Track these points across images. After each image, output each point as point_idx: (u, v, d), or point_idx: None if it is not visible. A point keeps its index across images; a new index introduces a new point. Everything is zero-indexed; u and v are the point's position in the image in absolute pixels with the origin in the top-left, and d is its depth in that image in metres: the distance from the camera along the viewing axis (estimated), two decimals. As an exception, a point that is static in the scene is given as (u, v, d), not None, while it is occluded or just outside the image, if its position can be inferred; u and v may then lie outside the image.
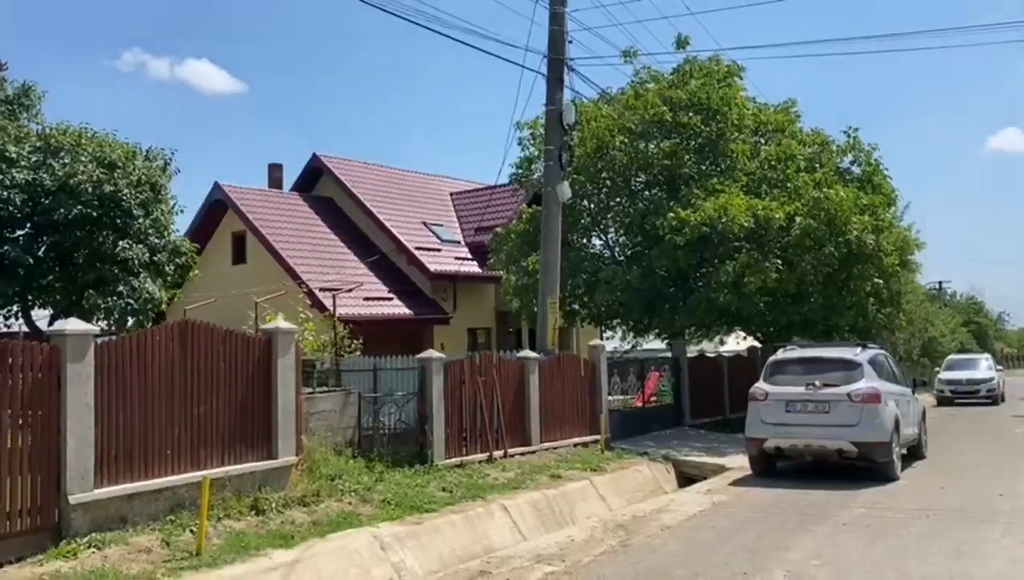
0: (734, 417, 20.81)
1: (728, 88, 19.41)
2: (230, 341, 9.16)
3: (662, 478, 14.32)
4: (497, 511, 10.36)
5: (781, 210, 17.22)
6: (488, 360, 13.17)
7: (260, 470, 9.25)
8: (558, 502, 11.41)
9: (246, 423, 9.25)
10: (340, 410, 11.30)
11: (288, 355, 9.70)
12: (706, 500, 11.08)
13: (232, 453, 9.06)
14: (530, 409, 13.87)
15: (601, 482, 12.66)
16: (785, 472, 13.12)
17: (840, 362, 12.68)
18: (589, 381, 15.58)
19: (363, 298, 24.86)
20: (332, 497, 9.78)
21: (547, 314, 15.12)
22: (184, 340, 8.66)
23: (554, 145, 15.01)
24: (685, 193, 18.15)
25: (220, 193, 26.65)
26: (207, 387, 8.84)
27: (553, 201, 15.09)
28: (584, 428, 15.29)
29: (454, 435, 12.22)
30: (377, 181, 30.36)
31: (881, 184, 19.71)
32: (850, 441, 11.89)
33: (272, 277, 23.15)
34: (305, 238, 26.61)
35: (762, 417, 12.61)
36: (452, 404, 12.24)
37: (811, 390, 12.26)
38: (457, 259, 27.64)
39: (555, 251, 15.41)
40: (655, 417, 18.14)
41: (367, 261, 26.88)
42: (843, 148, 20.13)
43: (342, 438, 11.25)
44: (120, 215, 13.55)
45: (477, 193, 32.09)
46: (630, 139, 19.24)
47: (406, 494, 10.27)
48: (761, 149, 19.20)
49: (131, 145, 14.24)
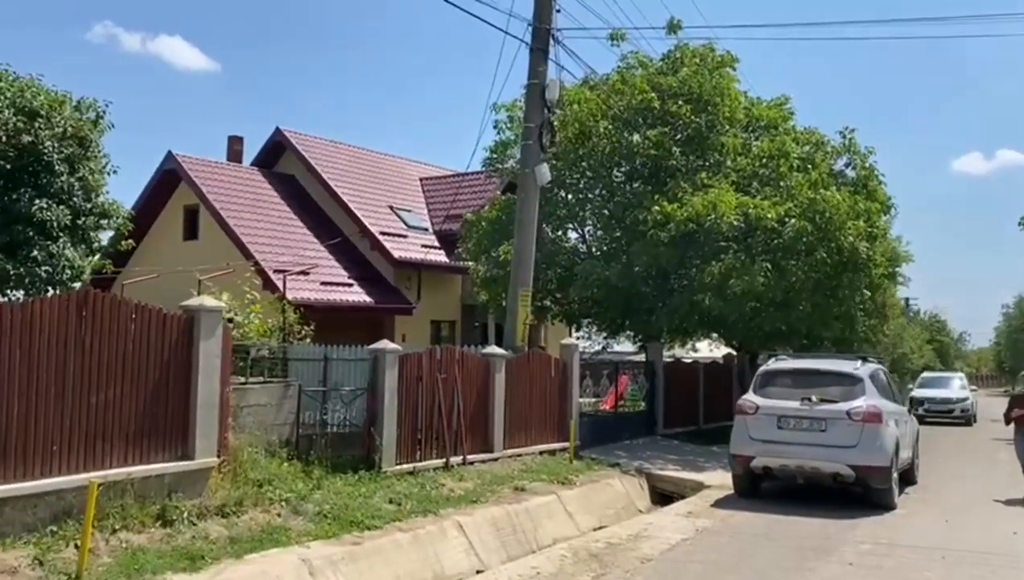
0: (708, 428, 19.72)
1: (721, 78, 18.19)
2: (142, 318, 7.68)
3: (635, 494, 13.05)
4: (451, 529, 9.00)
5: (773, 210, 16.04)
6: (450, 355, 11.79)
7: (171, 472, 7.79)
8: (521, 520, 10.07)
9: (157, 416, 7.78)
10: (277, 404, 9.85)
11: (213, 338, 8.23)
12: (688, 525, 9.81)
13: (137, 451, 7.59)
14: (494, 412, 12.51)
15: (569, 497, 11.35)
16: (771, 493, 11.92)
17: (839, 376, 11.49)
18: (559, 383, 14.26)
19: (320, 282, 23.34)
20: (258, 507, 8.35)
21: (517, 307, 13.76)
22: (83, 313, 7.17)
23: (534, 123, 13.65)
24: (671, 186, 16.90)
25: (172, 162, 24.90)
26: (110, 371, 7.36)
27: (531, 184, 13.73)
28: (552, 434, 13.97)
29: (407, 438, 10.81)
30: (343, 160, 28.78)
31: (876, 190, 18.65)
32: (848, 464, 10.70)
33: (225, 255, 21.53)
34: (262, 215, 24.97)
35: (750, 433, 11.37)
36: (407, 402, 10.84)
37: (806, 405, 11.05)
38: (424, 247, 26.19)
39: (530, 239, 14.06)
40: (626, 424, 16.88)
41: (328, 244, 25.31)
42: (838, 149, 19.00)
43: (277, 437, 9.80)
44: (40, 170, 11.90)
45: (449, 180, 30.62)
46: (615, 126, 17.95)
47: (346, 506, 8.87)
48: (753, 145, 17.99)
49: (59, 93, 12.59)
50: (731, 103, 18.33)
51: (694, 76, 18.10)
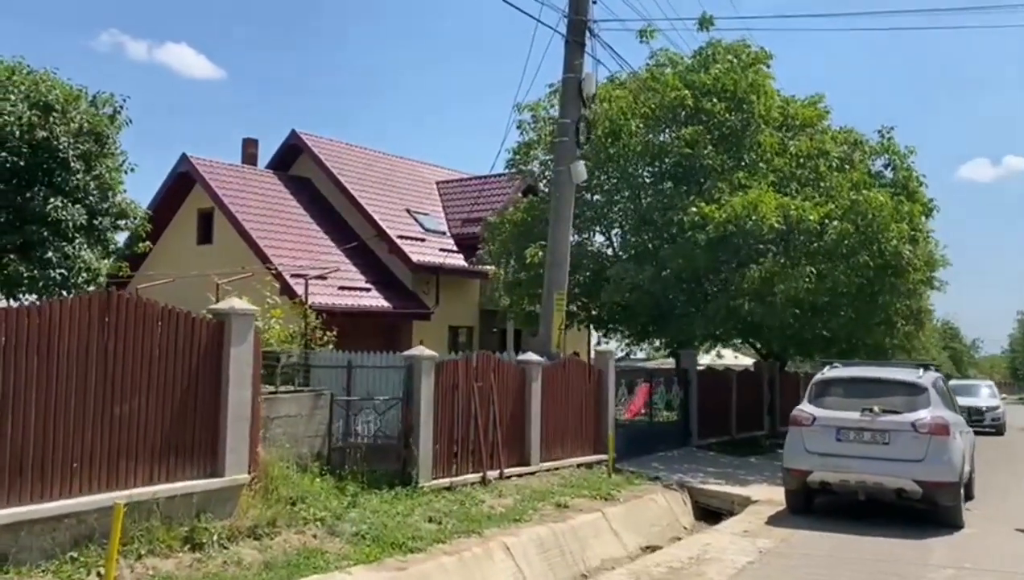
0: (741, 438, 19.04)
1: (755, 75, 17.55)
2: (169, 322, 7.06)
3: (678, 509, 12.37)
4: (497, 551, 8.34)
5: (815, 212, 15.36)
6: (486, 362, 11.14)
7: (200, 491, 7.16)
8: (567, 539, 9.41)
9: (185, 429, 7.15)
10: (308, 415, 9.21)
11: (245, 344, 7.61)
12: (749, 546, 9.13)
13: (163, 468, 6.96)
14: (530, 423, 11.86)
15: (614, 514, 10.67)
16: (823, 510, 11.21)
17: (902, 385, 10.81)
18: (595, 392, 13.61)
19: (338, 287, 22.75)
20: (292, 527, 7.71)
21: (552, 312, 13.12)
22: (106, 317, 6.55)
23: (570, 118, 13.02)
24: (707, 187, 16.24)
25: (187, 165, 24.35)
26: (135, 380, 6.74)
27: (566, 182, 13.09)
28: (588, 446, 13.32)
29: (443, 451, 10.17)
30: (359, 163, 28.20)
31: (916, 191, 17.94)
32: (914, 479, 10.00)
33: (241, 259, 20.96)
34: (278, 219, 24.40)
35: (807, 445, 10.68)
36: (442, 413, 10.19)
37: (868, 416, 10.36)
38: (442, 250, 25.57)
39: (565, 240, 13.41)
40: (660, 435, 16.19)
41: (344, 247, 24.73)
42: (876, 149, 18.31)
43: (308, 450, 9.17)
44: (55, 168, 11.30)
45: (465, 183, 30.04)
46: (646, 125, 17.31)
47: (385, 525, 8.22)
48: (790, 144, 17.32)
49: (75, 87, 11.99)
50: (766, 101, 17.68)
51: (727, 73, 17.46)
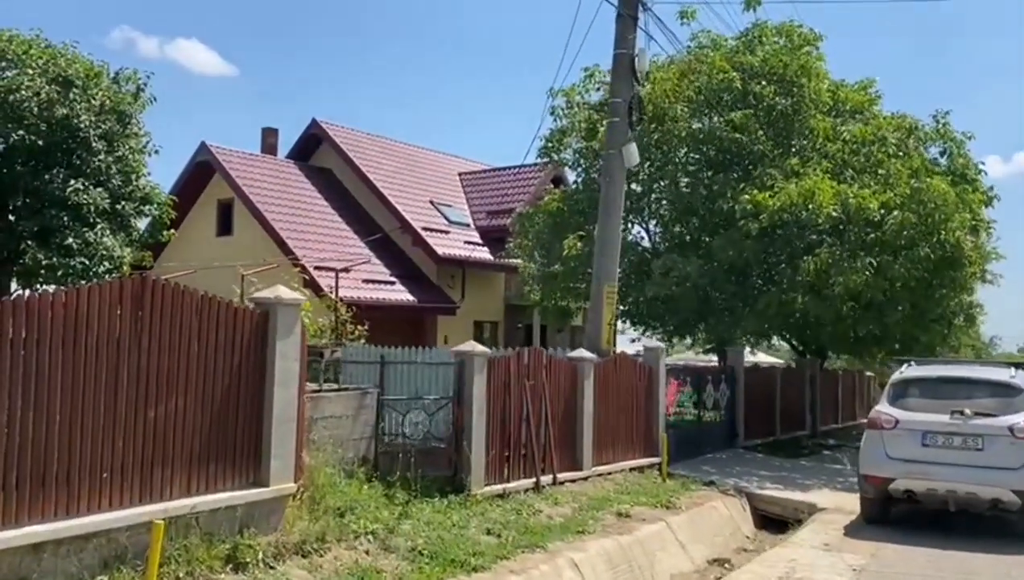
0: (785, 438, 18.17)
1: (807, 57, 16.65)
2: (209, 313, 6.26)
3: (739, 517, 11.53)
4: (566, 568, 7.53)
5: (875, 200, 14.46)
6: (537, 359, 10.32)
7: (243, 503, 6.36)
8: (635, 553, 8.59)
9: (226, 433, 6.36)
10: (353, 416, 8.41)
11: (291, 337, 6.81)
12: (838, 562, 8.29)
13: (202, 477, 6.17)
14: (583, 424, 11.04)
15: (678, 524, 9.84)
16: (901, 520, 10.34)
17: (994, 386, 9.91)
18: (645, 391, 12.77)
19: (362, 280, 21.98)
20: (342, 542, 6.92)
21: (602, 305, 12.27)
22: (139, 306, 5.76)
23: (622, 97, 12.15)
24: (759, 174, 15.35)
25: (207, 154, 23.67)
26: (171, 379, 5.96)
27: (617, 166, 12.23)
28: (638, 448, 12.48)
29: (495, 455, 9.35)
30: (381, 154, 27.43)
31: (975, 180, 17.00)
32: (1012, 489, 9.13)
33: (261, 251, 20.23)
34: (299, 210, 23.66)
35: (888, 450, 9.81)
36: (494, 414, 9.38)
37: (959, 419, 9.48)
38: (467, 243, 24.80)
39: (615, 227, 12.57)
40: (707, 436, 15.35)
41: (368, 240, 23.98)
42: (931, 135, 17.36)
43: (354, 454, 8.37)
44: (75, 147, 10.51)
45: (488, 174, 29.27)
46: (691, 108, 16.44)
47: (442, 539, 7.43)
48: (842, 129, 16.41)
49: (96, 63, 11.20)
50: (816, 84, 16.78)
51: (776, 55, 16.57)
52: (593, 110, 18.09)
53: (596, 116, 17.97)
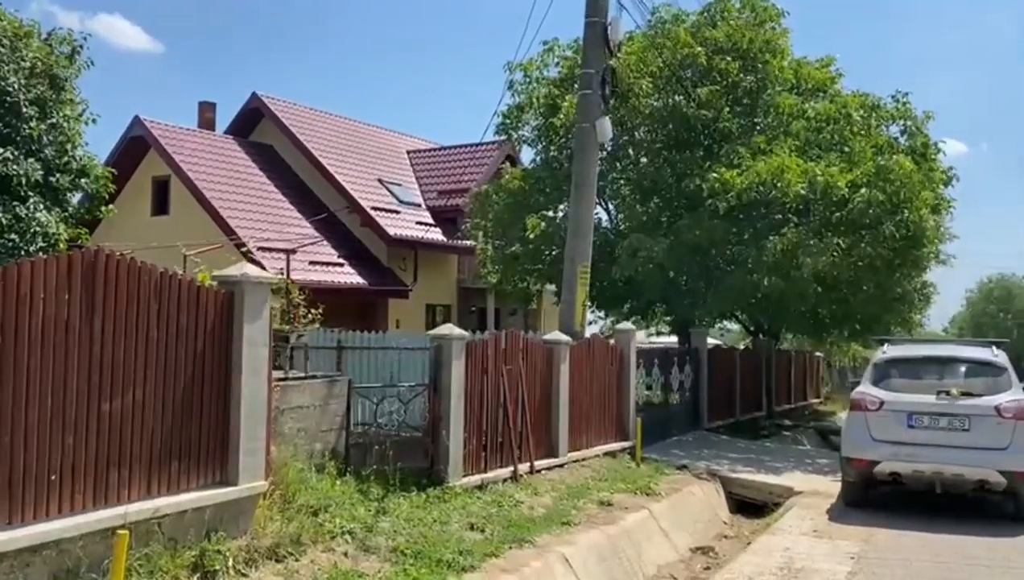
0: (744, 419, 18.12)
1: (772, 32, 16.38)
2: (170, 293, 5.55)
3: (715, 502, 11.23)
4: (557, 564, 7.05)
5: (843, 178, 14.26)
6: (515, 342, 9.79)
7: (210, 504, 5.70)
8: (623, 545, 8.17)
9: (190, 428, 5.68)
10: (322, 406, 7.75)
11: (259, 321, 6.13)
12: (834, 550, 7.99)
13: (164, 477, 5.49)
14: (558, 409, 10.56)
15: (660, 512, 9.46)
16: (884, 503, 10.13)
17: (979, 365, 9.76)
18: (617, 374, 12.37)
19: (309, 262, 21.09)
20: (318, 544, 6.30)
21: (576, 286, 11.79)
22: (91, 285, 5.03)
23: (595, 68, 11.62)
24: (726, 151, 15.02)
25: (140, 129, 22.39)
26: (127, 368, 5.25)
27: (590, 141, 11.71)
28: (610, 433, 12.09)
29: (474, 444, 8.81)
30: (325, 130, 26.44)
31: (935, 160, 16.98)
32: (998, 470, 8.97)
33: (200, 231, 19.17)
34: (241, 188, 22.60)
35: (872, 432, 9.57)
36: (471, 401, 8.83)
37: (945, 400, 9.29)
38: (419, 224, 24.03)
39: (589, 206, 12.08)
40: (672, 419, 15.08)
41: (313, 219, 23.05)
42: (892, 114, 17.26)
43: (323, 446, 7.73)
44: (2, 113, 9.53)
45: (439, 153, 28.51)
46: (655, 85, 16.03)
47: (424, 537, 6.87)
48: (808, 107, 16.19)
49: (26, 22, 10.19)
50: (780, 61, 16.53)
51: (740, 30, 16.25)
52: (553, 85, 17.56)
53: (556, 92, 17.46)
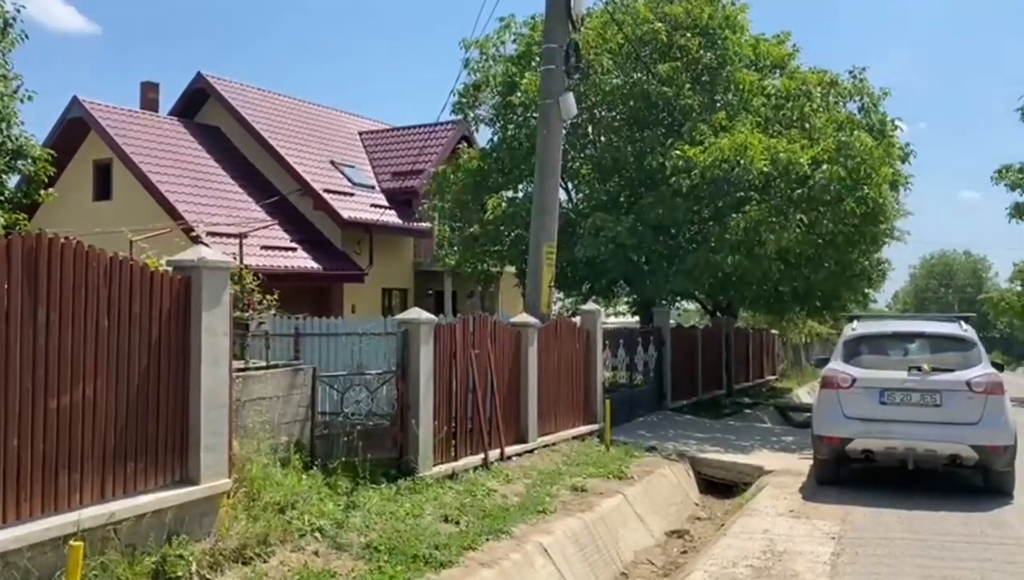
0: (706, 398, 18.12)
1: (732, 7, 16.23)
2: (121, 278, 5.12)
3: (686, 483, 11.10)
4: (536, 556, 6.80)
5: (805, 154, 14.20)
6: (483, 326, 9.48)
7: (171, 505, 5.31)
8: (599, 531, 7.96)
9: (146, 424, 5.27)
10: (285, 396, 7.37)
11: (219, 307, 5.73)
12: (813, 531, 7.87)
13: (119, 478, 5.08)
14: (527, 393, 10.31)
15: (634, 496, 9.27)
16: (856, 480, 10.10)
17: (948, 340, 9.73)
18: (584, 356, 12.15)
19: (260, 247, 20.46)
20: (287, 543, 5.95)
21: (541, 266, 11.50)
22: (33, 272, 4.58)
23: (557, 43, 11.30)
24: (688, 129, 14.85)
25: (80, 110, 21.45)
26: (77, 361, 4.82)
27: (554, 118, 11.41)
28: (578, 416, 11.89)
29: (444, 432, 8.50)
30: (274, 110, 25.67)
31: (891, 136, 17.05)
32: (970, 444, 8.96)
33: (145, 216, 18.41)
34: (187, 171, 21.81)
35: (845, 410, 9.49)
36: (439, 387, 8.51)
37: (917, 376, 9.25)
38: (373, 206, 23.51)
39: (554, 184, 11.79)
40: (638, 399, 14.94)
41: (264, 203, 22.36)
42: (849, 90, 17.27)
43: (287, 438, 7.34)
44: (-71, 90, 8.92)
45: (392, 133, 27.94)
46: (615, 62, 15.78)
47: (398, 531, 6.55)
48: (768, 83, 16.10)
49: (-50, -8, 9.51)
50: (739, 37, 16.40)
51: (699, 5, 16.06)
52: (510, 63, 17.19)
53: (514, 69, 17.10)
